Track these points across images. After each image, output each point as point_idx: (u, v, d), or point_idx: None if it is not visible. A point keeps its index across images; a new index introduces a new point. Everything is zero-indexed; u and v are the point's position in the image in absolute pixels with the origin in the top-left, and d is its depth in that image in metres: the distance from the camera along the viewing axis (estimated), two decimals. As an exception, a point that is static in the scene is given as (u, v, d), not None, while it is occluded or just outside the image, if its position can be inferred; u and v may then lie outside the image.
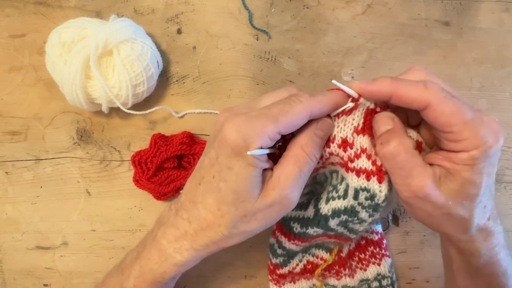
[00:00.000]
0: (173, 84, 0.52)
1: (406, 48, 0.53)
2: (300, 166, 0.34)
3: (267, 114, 0.33)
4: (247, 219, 0.35)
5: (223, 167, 0.34)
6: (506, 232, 0.54)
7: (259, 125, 0.32)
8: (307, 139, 0.35)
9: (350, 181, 0.37)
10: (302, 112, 0.33)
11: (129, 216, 0.51)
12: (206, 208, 0.35)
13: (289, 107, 0.33)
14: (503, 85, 0.54)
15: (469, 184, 0.32)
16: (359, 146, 0.36)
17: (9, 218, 0.51)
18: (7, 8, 0.51)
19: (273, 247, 0.47)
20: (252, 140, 0.32)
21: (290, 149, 0.35)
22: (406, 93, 0.31)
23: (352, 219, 0.40)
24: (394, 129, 0.34)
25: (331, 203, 0.39)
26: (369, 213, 0.38)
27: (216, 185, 0.34)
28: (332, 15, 0.53)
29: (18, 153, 0.51)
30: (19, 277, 0.52)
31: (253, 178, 0.33)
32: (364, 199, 0.37)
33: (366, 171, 0.36)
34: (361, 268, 0.51)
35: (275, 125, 0.32)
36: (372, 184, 0.36)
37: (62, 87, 0.45)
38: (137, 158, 0.49)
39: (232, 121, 0.33)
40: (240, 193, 0.34)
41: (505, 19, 0.54)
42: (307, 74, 0.52)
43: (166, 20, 0.51)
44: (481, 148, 0.31)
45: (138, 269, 0.38)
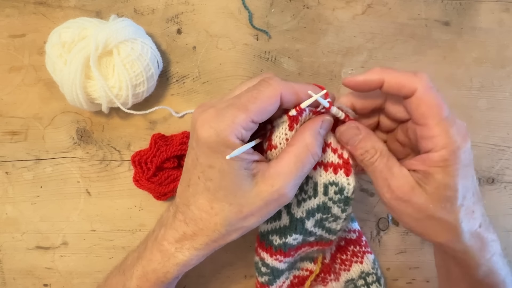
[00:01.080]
0: (173, 84, 0.52)
1: (406, 48, 0.53)
2: (302, 164, 0.34)
3: (236, 104, 0.32)
4: (243, 215, 0.35)
5: (204, 167, 0.33)
6: (506, 232, 0.55)
7: (229, 117, 0.31)
8: (313, 138, 0.34)
9: (318, 177, 0.38)
10: (271, 96, 0.32)
11: (129, 216, 0.51)
12: (199, 209, 0.35)
13: (257, 92, 0.32)
14: (503, 85, 0.54)
15: (443, 186, 0.33)
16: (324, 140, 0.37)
17: (9, 218, 0.51)
18: (7, 8, 0.51)
19: (258, 265, 0.46)
20: (225, 133, 0.31)
21: (293, 145, 0.34)
22: (396, 78, 0.33)
23: (327, 217, 0.40)
24: (365, 137, 0.35)
25: (303, 204, 0.40)
26: (341, 208, 0.39)
27: (203, 185, 0.34)
28: (332, 15, 0.53)
29: (18, 153, 0.51)
30: (19, 277, 0.52)
31: (238, 172, 0.33)
32: (333, 194, 0.38)
33: (333, 165, 0.37)
34: (345, 269, 0.51)
35: (246, 114, 0.31)
36: (339, 178, 0.37)
37: (62, 87, 0.45)
38: (137, 158, 0.49)
39: (202, 117, 0.32)
40: (229, 189, 0.33)
41: (505, 19, 0.54)
42: (307, 74, 0.52)
43: (166, 20, 0.51)
44: (449, 148, 0.32)
45: (141, 269, 0.38)
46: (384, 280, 0.52)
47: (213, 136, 0.31)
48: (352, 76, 0.34)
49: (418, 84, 0.32)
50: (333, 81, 0.52)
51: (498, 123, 0.54)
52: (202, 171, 0.34)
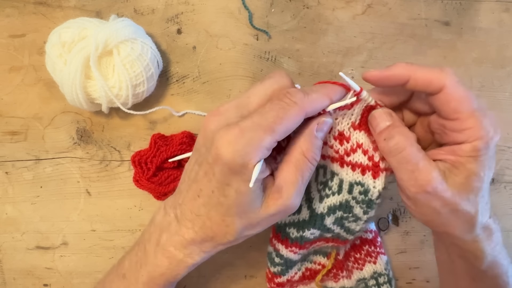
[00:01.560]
0: (173, 84, 0.52)
1: (406, 48, 0.53)
2: (302, 173, 0.34)
3: (262, 125, 0.31)
4: (252, 226, 0.36)
5: (221, 184, 0.33)
6: (506, 232, 0.55)
7: (256, 140, 0.31)
8: (308, 144, 0.34)
9: (345, 175, 0.38)
10: (297, 115, 0.32)
11: (129, 216, 0.51)
12: (210, 220, 0.35)
13: (283, 112, 0.31)
14: (503, 85, 0.54)
15: (474, 176, 0.32)
16: (355, 141, 0.37)
17: (9, 218, 0.51)
18: (7, 8, 0.51)
19: (271, 256, 0.46)
20: (250, 156, 0.31)
21: (290, 154, 0.34)
22: (424, 75, 0.32)
23: (347, 216, 0.40)
24: (394, 124, 0.34)
25: (326, 200, 0.39)
26: (363, 209, 0.39)
27: (216, 200, 0.34)
28: (332, 15, 0.53)
29: (18, 153, 0.51)
30: (19, 277, 0.52)
31: (253, 193, 0.33)
32: (358, 193, 0.38)
33: (361, 166, 0.37)
34: (357, 268, 0.51)
35: (272, 136, 0.31)
36: (366, 179, 0.37)
37: (62, 87, 0.45)
38: (137, 158, 0.49)
39: (225, 136, 0.31)
40: (242, 207, 0.34)
41: (505, 19, 0.54)
42: (307, 74, 0.52)
43: (166, 20, 0.51)
44: (484, 139, 0.31)
45: (146, 275, 0.38)
46: (395, 283, 0.53)
47: (237, 158, 0.31)
48: (375, 70, 0.33)
49: (446, 80, 0.31)
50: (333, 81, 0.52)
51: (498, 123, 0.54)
52: (218, 187, 0.33)
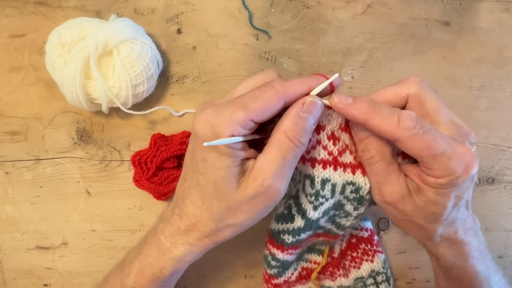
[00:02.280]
0: (173, 84, 0.52)
1: (406, 48, 0.53)
2: (283, 153, 0.32)
3: (236, 102, 0.32)
4: (232, 211, 0.34)
5: (199, 161, 0.33)
6: (506, 232, 0.55)
7: (227, 113, 0.31)
8: (291, 123, 0.32)
9: (337, 178, 0.38)
10: (273, 97, 0.32)
11: (129, 216, 0.51)
12: (192, 203, 0.35)
13: (259, 92, 0.32)
14: (503, 85, 0.54)
15: (432, 204, 0.34)
16: (344, 142, 0.37)
17: (9, 218, 0.51)
18: (7, 8, 0.51)
19: (267, 259, 0.46)
20: (220, 128, 0.31)
21: (273, 135, 0.33)
22: (378, 125, 0.32)
23: (339, 213, 0.41)
24: (373, 136, 0.35)
25: (321, 207, 0.40)
26: (354, 206, 0.40)
27: (196, 179, 0.34)
28: (332, 15, 0.53)
29: (18, 153, 0.51)
30: (19, 277, 0.52)
31: (228, 168, 0.32)
32: (349, 193, 0.39)
33: (351, 165, 0.38)
34: (355, 266, 0.51)
35: (244, 112, 0.31)
36: (357, 178, 0.38)
37: (62, 87, 0.45)
38: (137, 158, 0.49)
39: (201, 112, 0.32)
40: (217, 185, 0.33)
41: (505, 19, 0.54)
42: (307, 74, 0.52)
43: (166, 20, 0.51)
44: (448, 178, 0.32)
45: (138, 264, 0.39)
46: (393, 281, 0.53)
47: (208, 130, 0.31)
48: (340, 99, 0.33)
49: (400, 135, 0.32)
50: (333, 81, 0.52)
51: (498, 123, 0.54)
52: (196, 164, 0.34)
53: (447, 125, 0.34)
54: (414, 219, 0.36)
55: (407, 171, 0.36)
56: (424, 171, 0.33)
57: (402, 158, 0.37)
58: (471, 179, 0.33)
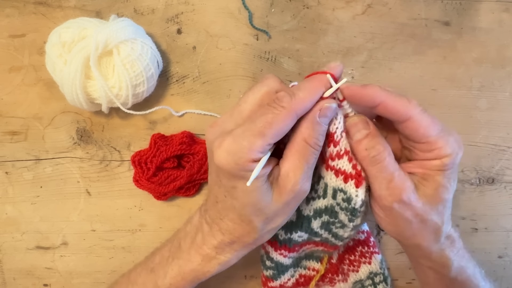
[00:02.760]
0: (173, 84, 0.52)
1: (406, 48, 0.53)
2: (306, 159, 0.34)
3: (252, 130, 0.32)
4: (270, 220, 0.36)
5: (228, 188, 0.35)
6: (506, 232, 0.55)
7: (246, 145, 0.32)
8: (310, 130, 0.34)
9: (329, 179, 0.38)
10: (286, 118, 0.33)
11: (129, 216, 0.51)
12: (231, 221, 0.37)
13: (272, 117, 0.32)
14: (503, 85, 0.54)
15: (442, 188, 0.34)
16: (344, 147, 0.36)
17: (9, 218, 0.51)
18: (7, 8, 0.51)
19: (263, 259, 0.47)
20: (243, 160, 0.32)
21: (293, 141, 0.35)
22: (392, 104, 0.33)
23: (334, 221, 0.40)
24: (373, 133, 0.35)
25: (312, 203, 0.40)
26: (348, 217, 0.38)
27: (230, 203, 0.36)
28: (332, 15, 0.53)
29: (18, 153, 0.51)
30: (19, 277, 0.52)
31: (259, 189, 0.34)
32: (341, 200, 0.37)
33: (344, 173, 0.36)
34: (353, 270, 0.51)
35: (262, 140, 0.32)
36: (348, 187, 0.36)
37: (62, 87, 0.45)
38: (137, 158, 0.49)
39: (220, 146, 0.33)
40: (254, 205, 0.35)
41: (505, 19, 0.54)
42: (307, 74, 0.52)
43: (166, 20, 0.51)
44: (451, 156, 0.33)
45: (177, 269, 0.40)
46: (391, 280, 0.53)
47: (231, 164, 0.33)
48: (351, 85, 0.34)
49: (412, 111, 0.33)
50: (333, 81, 0.52)
51: (498, 123, 0.54)
52: (227, 191, 0.35)
53: None
54: (426, 215, 0.35)
55: (406, 168, 0.36)
56: (426, 157, 0.34)
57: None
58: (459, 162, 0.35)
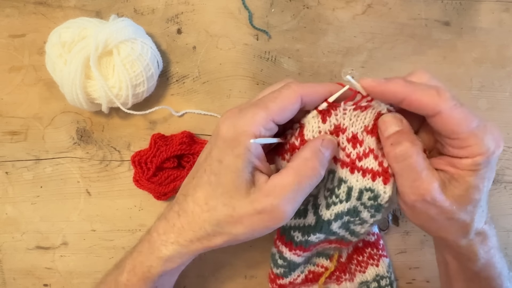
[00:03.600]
0: (173, 84, 0.52)
1: (406, 48, 0.53)
2: (300, 179, 0.33)
3: (257, 103, 0.33)
4: (233, 220, 0.34)
5: (214, 160, 0.34)
6: (506, 232, 0.55)
7: (249, 114, 0.32)
8: (312, 153, 0.34)
9: (354, 182, 0.37)
10: (291, 95, 0.33)
11: (129, 216, 0.51)
12: (194, 202, 0.35)
13: (278, 93, 0.33)
14: (503, 85, 0.54)
15: (473, 189, 0.32)
16: (368, 145, 0.36)
17: (9, 218, 0.51)
18: (7, 8, 0.51)
19: (274, 257, 0.46)
20: (244, 128, 0.32)
21: (292, 161, 0.34)
22: (419, 99, 0.31)
23: (354, 220, 0.40)
24: (403, 130, 0.33)
25: (333, 208, 0.38)
26: (371, 214, 0.38)
27: (207, 179, 0.34)
28: (332, 15, 0.53)
29: (18, 153, 0.51)
30: (19, 277, 0.52)
31: (241, 172, 0.33)
32: (367, 199, 0.37)
33: (372, 171, 0.36)
34: (360, 270, 0.51)
35: (265, 112, 0.32)
36: (377, 185, 0.36)
37: (62, 87, 0.45)
38: (137, 158, 0.49)
39: (224, 115, 0.34)
40: (228, 188, 0.33)
41: (505, 19, 0.54)
42: (307, 74, 0.52)
43: (166, 20, 0.51)
44: (485, 155, 0.31)
45: (131, 262, 0.39)
46: (397, 285, 0.53)
47: (231, 129, 0.32)
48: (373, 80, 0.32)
49: (442, 106, 0.30)
50: (333, 81, 0.52)
51: (498, 123, 0.54)
52: (210, 164, 0.34)
53: None
54: (453, 214, 0.33)
55: (436, 164, 0.33)
56: (458, 155, 0.32)
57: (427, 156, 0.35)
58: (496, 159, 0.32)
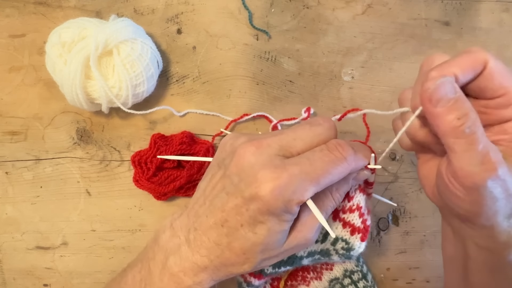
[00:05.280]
0: (173, 84, 0.52)
1: (406, 48, 0.53)
2: (326, 211, 0.35)
3: (309, 175, 0.31)
4: (270, 258, 0.35)
5: (254, 220, 0.32)
6: (506, 232, 0.55)
7: (300, 189, 0.31)
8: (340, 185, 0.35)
9: (334, 229, 0.39)
10: (344, 172, 0.33)
11: (129, 216, 0.51)
12: (231, 251, 0.34)
13: (332, 167, 0.32)
14: (503, 85, 0.54)
15: None
16: (357, 202, 0.38)
17: (9, 218, 0.51)
18: (7, 8, 0.51)
19: (241, 286, 0.46)
20: (293, 204, 0.31)
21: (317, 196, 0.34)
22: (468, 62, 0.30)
23: (324, 258, 0.42)
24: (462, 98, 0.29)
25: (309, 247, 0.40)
26: (341, 258, 0.40)
27: (244, 234, 0.33)
28: (332, 15, 0.53)
29: (18, 153, 0.51)
30: (19, 277, 0.52)
31: (285, 232, 0.33)
32: (340, 248, 0.39)
33: (353, 226, 0.38)
34: (327, 268, 0.50)
35: (316, 187, 0.31)
36: (353, 239, 0.39)
37: (62, 87, 0.45)
38: (137, 158, 0.49)
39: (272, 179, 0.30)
40: (269, 245, 0.34)
41: (505, 19, 0.54)
42: (307, 74, 0.52)
43: (166, 20, 0.51)
44: None
45: None
46: (373, 276, 0.52)
47: (279, 202, 0.31)
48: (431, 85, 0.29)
49: (488, 57, 0.30)
50: (333, 81, 0.52)
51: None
52: (249, 223, 0.33)
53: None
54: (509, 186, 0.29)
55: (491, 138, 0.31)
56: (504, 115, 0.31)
57: None
58: None
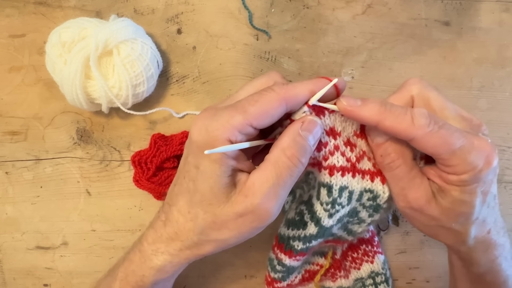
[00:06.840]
0: (173, 84, 0.52)
1: (406, 48, 0.53)
2: (278, 171, 0.30)
3: (235, 106, 0.30)
4: (217, 227, 0.32)
5: (191, 166, 0.32)
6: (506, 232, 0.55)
7: (224, 117, 0.30)
8: (289, 141, 0.31)
9: (355, 185, 0.36)
10: (273, 100, 0.30)
11: (129, 216, 0.51)
12: (179, 211, 0.33)
13: (258, 96, 0.30)
14: (503, 85, 0.54)
15: (459, 203, 0.32)
16: (360, 148, 0.36)
17: (9, 218, 0.51)
18: (7, 8, 0.51)
19: (273, 263, 0.45)
20: (217, 133, 0.29)
21: (270, 152, 0.32)
22: (392, 126, 0.31)
23: (352, 219, 0.40)
24: (391, 139, 0.33)
25: (336, 215, 0.38)
26: (369, 213, 0.38)
27: (186, 186, 0.32)
28: (332, 15, 0.53)
29: (18, 153, 0.51)
30: (19, 277, 0.52)
31: (218, 178, 0.31)
32: (366, 200, 0.37)
33: (369, 172, 0.36)
34: (355, 267, 0.51)
35: (243, 116, 0.29)
36: (376, 185, 0.36)
37: (62, 87, 0.45)
38: (137, 158, 0.49)
39: (198, 116, 0.31)
40: (205, 195, 0.31)
41: (505, 19, 0.54)
42: (307, 74, 0.52)
43: (166, 20, 0.51)
44: (471, 173, 0.31)
45: (123, 270, 0.37)
46: (392, 282, 0.53)
47: (203, 134, 0.30)
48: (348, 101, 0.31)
49: (415, 132, 0.30)
50: (333, 81, 0.52)
51: (498, 123, 0.54)
52: (188, 171, 0.32)
53: (456, 119, 0.33)
54: (443, 223, 0.34)
55: (428, 173, 0.34)
56: (445, 170, 0.32)
57: (424, 162, 0.35)
58: (493, 172, 0.32)
